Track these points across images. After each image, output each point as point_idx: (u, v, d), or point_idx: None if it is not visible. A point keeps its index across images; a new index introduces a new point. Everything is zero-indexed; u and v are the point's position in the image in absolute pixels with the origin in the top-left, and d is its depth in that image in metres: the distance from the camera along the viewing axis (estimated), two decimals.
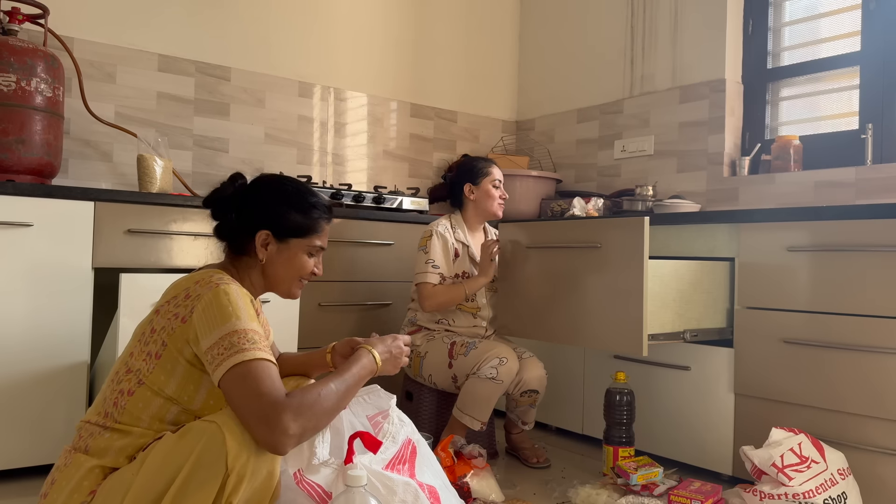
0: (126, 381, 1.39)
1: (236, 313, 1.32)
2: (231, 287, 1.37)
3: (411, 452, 1.53)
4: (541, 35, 3.95)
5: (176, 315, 1.37)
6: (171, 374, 1.37)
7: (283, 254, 1.52)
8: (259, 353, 1.29)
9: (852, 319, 1.99)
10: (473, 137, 3.90)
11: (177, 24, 2.95)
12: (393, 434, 1.53)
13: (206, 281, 1.38)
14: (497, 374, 2.27)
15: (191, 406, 1.39)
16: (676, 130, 3.22)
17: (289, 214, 1.51)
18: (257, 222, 1.50)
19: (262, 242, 1.50)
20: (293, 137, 3.26)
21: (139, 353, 1.39)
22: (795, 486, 1.80)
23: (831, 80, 2.87)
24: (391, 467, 1.46)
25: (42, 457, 2.14)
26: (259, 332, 1.34)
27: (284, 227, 1.51)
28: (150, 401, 1.37)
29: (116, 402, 1.38)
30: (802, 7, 2.98)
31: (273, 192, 1.53)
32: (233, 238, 1.53)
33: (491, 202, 2.61)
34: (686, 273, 2.21)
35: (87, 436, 1.38)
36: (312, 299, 2.69)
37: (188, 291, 1.39)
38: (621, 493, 2.05)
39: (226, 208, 1.52)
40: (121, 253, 2.27)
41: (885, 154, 2.63)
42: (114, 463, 1.34)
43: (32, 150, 2.32)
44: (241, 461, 1.23)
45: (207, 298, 1.34)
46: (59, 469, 1.37)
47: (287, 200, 1.52)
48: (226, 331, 1.30)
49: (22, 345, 2.11)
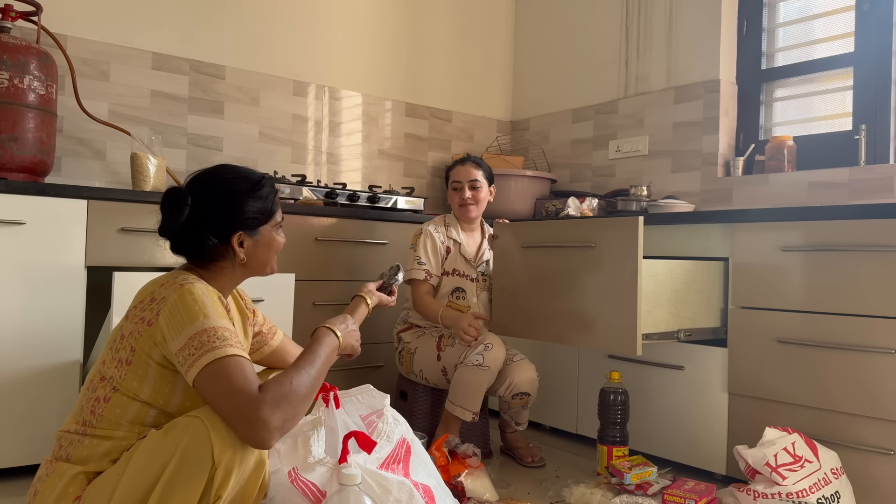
0: (101, 388, 1.37)
1: (203, 311, 1.31)
2: (196, 286, 1.35)
3: (406, 452, 1.53)
4: (536, 35, 3.95)
5: (142, 319, 1.35)
6: (144, 379, 1.35)
7: (259, 243, 1.51)
8: (229, 350, 1.27)
9: (845, 319, 2.00)
10: (468, 137, 3.90)
11: (171, 22, 2.94)
12: (388, 433, 1.53)
13: (171, 283, 1.37)
14: (483, 361, 2.27)
15: (168, 408, 1.37)
16: (671, 131, 3.23)
17: (250, 207, 1.47)
18: (227, 230, 1.46)
19: (238, 244, 1.47)
20: (287, 136, 3.26)
21: (111, 360, 1.38)
22: (789, 486, 1.81)
23: (825, 81, 2.88)
24: (386, 466, 1.46)
25: (34, 456, 2.12)
26: (229, 328, 1.32)
27: (252, 219, 1.48)
28: (127, 406, 1.35)
29: (94, 410, 1.36)
30: (796, 8, 2.99)
31: (225, 195, 1.46)
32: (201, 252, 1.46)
33: (454, 206, 2.61)
34: (680, 273, 2.22)
35: (68, 444, 1.36)
36: (307, 298, 2.68)
37: (153, 295, 1.37)
38: (615, 493, 2.06)
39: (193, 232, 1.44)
40: (114, 251, 2.26)
41: (879, 155, 2.65)
42: (98, 468, 1.33)
43: (25, 147, 2.30)
44: (227, 454, 1.22)
45: (173, 300, 1.33)
46: (41, 479, 1.35)
47: (242, 194, 1.47)
48: (194, 330, 1.28)
49: (14, 343, 2.10)
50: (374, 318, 2.89)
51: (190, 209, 1.42)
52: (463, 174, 2.56)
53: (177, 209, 1.42)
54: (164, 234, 1.46)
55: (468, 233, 2.63)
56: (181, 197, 1.43)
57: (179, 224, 1.42)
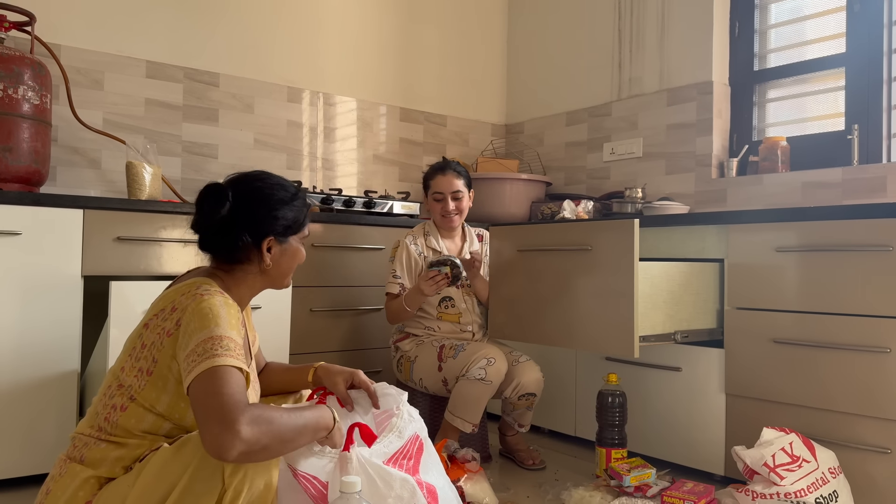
0: (118, 395, 1.37)
1: (216, 321, 1.31)
2: (215, 298, 1.35)
3: (418, 449, 1.51)
4: (529, 39, 3.96)
5: (163, 329, 1.36)
6: (163, 391, 1.35)
7: (285, 252, 1.53)
8: (229, 360, 1.26)
9: (841, 319, 2.01)
10: (463, 141, 3.91)
11: (165, 31, 2.94)
12: (400, 428, 1.51)
13: (192, 293, 1.37)
14: (486, 375, 2.27)
15: (182, 423, 1.37)
16: (664, 133, 3.24)
17: (284, 214, 1.50)
18: (260, 232, 1.48)
19: (266, 248, 1.50)
20: (282, 143, 3.26)
21: (130, 368, 1.38)
22: (787, 486, 1.81)
23: (817, 82, 2.89)
24: (394, 462, 1.44)
25: (32, 467, 2.12)
26: (236, 341, 1.31)
27: (284, 227, 1.51)
28: (143, 417, 1.36)
29: (108, 418, 1.37)
30: (788, 9, 3.00)
31: (264, 198, 1.50)
32: (230, 250, 1.49)
33: (435, 216, 2.59)
34: (676, 274, 2.22)
35: (82, 446, 1.37)
36: (304, 305, 2.68)
37: (174, 304, 1.38)
38: (614, 495, 2.06)
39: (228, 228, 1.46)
40: (110, 261, 2.25)
41: (871, 154, 2.66)
42: (109, 473, 1.33)
43: (20, 157, 2.30)
44: (237, 476, 1.22)
45: (191, 309, 1.33)
46: (54, 479, 1.36)
47: (279, 201, 1.50)
48: (202, 337, 1.28)
49: (11, 354, 2.10)
50: (371, 323, 2.90)
51: (230, 205, 1.44)
52: (445, 185, 2.53)
53: (218, 203, 1.44)
54: (198, 228, 1.48)
55: (448, 239, 2.63)
56: (223, 192, 1.45)
57: (218, 218, 1.43)
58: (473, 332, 2.56)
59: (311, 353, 2.69)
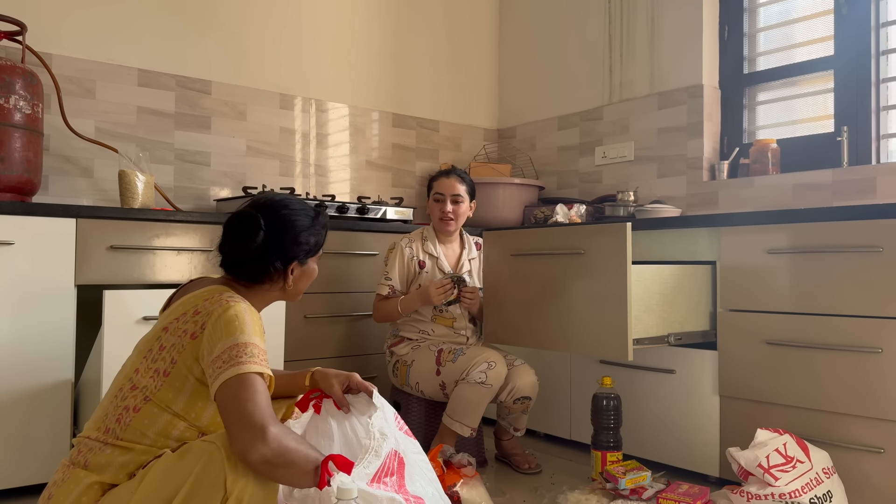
0: (131, 397, 1.39)
1: (241, 328, 1.35)
2: (240, 305, 1.39)
3: (398, 463, 1.52)
4: (520, 44, 3.98)
5: (185, 332, 1.38)
6: (180, 391, 1.38)
7: (304, 273, 1.60)
8: (256, 367, 1.31)
9: (833, 319, 2.02)
10: (455, 146, 3.92)
11: (156, 39, 2.94)
12: (375, 448, 1.52)
13: (216, 299, 1.40)
14: (486, 379, 2.28)
15: (198, 423, 1.40)
16: (656, 136, 3.26)
17: (307, 240, 1.56)
18: (289, 258, 1.54)
19: (291, 271, 1.55)
20: (275, 150, 3.26)
21: (145, 369, 1.40)
22: (781, 486, 1.82)
23: (806, 84, 2.91)
24: (377, 480, 1.44)
25: (26, 477, 2.11)
26: (261, 347, 1.36)
27: (307, 252, 1.57)
28: (157, 417, 1.37)
29: (120, 419, 1.37)
30: (776, 13, 3.03)
31: (291, 226, 1.54)
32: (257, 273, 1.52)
33: (433, 218, 2.61)
34: (669, 277, 2.23)
35: (87, 451, 1.37)
36: (298, 311, 2.68)
37: (197, 308, 1.40)
38: (610, 498, 2.07)
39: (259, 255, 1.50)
40: (104, 269, 2.25)
41: (860, 156, 2.68)
42: (113, 479, 1.34)
43: (12, 167, 2.30)
44: (240, 485, 1.23)
45: (217, 314, 1.36)
46: (57, 484, 1.36)
47: (304, 228, 1.56)
48: (228, 344, 1.32)
49: (4, 363, 2.09)
50: (365, 329, 2.90)
51: (264, 234, 1.49)
52: (446, 187, 2.57)
53: (253, 233, 1.48)
54: (229, 253, 1.52)
55: (446, 245, 2.63)
56: (256, 222, 1.49)
57: (254, 247, 1.48)
58: (468, 335, 2.57)
59: (306, 360, 2.69)
